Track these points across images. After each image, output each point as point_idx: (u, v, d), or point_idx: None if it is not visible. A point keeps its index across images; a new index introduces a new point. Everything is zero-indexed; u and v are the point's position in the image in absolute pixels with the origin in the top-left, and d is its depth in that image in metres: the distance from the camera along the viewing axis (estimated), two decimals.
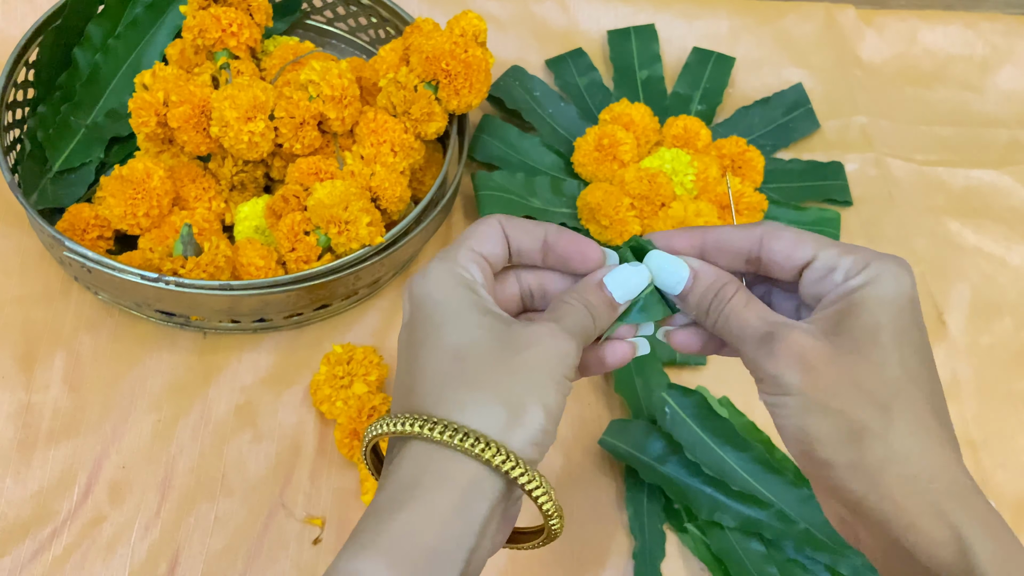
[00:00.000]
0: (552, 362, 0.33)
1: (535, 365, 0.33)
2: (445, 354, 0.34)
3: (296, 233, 0.59)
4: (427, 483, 0.31)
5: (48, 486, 0.56)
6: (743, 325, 0.35)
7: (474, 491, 0.31)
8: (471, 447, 0.31)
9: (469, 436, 0.31)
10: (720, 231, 0.37)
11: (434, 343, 0.34)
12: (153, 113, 0.61)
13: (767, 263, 0.36)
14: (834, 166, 0.76)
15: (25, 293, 0.63)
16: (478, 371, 0.33)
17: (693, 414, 0.59)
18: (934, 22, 0.85)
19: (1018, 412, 0.65)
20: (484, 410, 0.32)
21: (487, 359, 0.33)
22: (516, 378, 0.33)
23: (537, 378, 0.33)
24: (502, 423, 0.32)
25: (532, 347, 0.33)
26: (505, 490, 0.32)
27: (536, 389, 0.33)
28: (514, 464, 0.31)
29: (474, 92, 0.63)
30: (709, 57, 0.81)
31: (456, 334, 0.34)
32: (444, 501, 0.31)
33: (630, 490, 0.58)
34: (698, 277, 0.36)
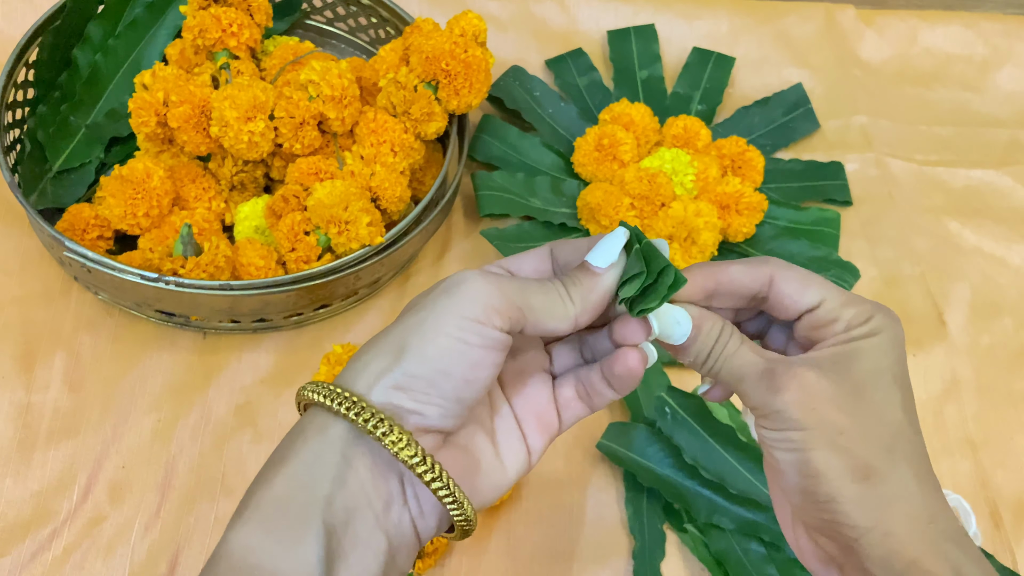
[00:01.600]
0: (453, 301, 0.32)
1: (435, 305, 0.33)
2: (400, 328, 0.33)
3: (296, 233, 0.59)
4: (286, 441, 0.32)
5: (48, 486, 0.56)
6: (743, 364, 0.35)
7: (319, 438, 0.32)
8: (323, 398, 0.31)
9: (333, 391, 0.32)
10: (731, 272, 0.37)
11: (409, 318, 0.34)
12: (153, 113, 0.61)
13: (773, 303, 0.37)
14: (834, 166, 0.76)
15: (25, 293, 0.63)
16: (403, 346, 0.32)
17: (693, 416, 0.59)
18: (934, 22, 0.85)
19: (1018, 412, 0.65)
20: (370, 362, 0.32)
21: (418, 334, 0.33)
22: (411, 323, 0.33)
23: (430, 320, 0.32)
24: (378, 371, 0.32)
25: (438, 287, 0.33)
26: (353, 435, 0.32)
27: (421, 331, 0.32)
28: (350, 406, 0.31)
29: (474, 92, 0.63)
30: (709, 57, 0.81)
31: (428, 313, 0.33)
32: (290, 452, 0.31)
33: (630, 490, 0.58)
34: (699, 330, 0.36)
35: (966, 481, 0.61)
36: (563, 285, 0.35)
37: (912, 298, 0.70)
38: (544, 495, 0.58)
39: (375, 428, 0.31)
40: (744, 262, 0.37)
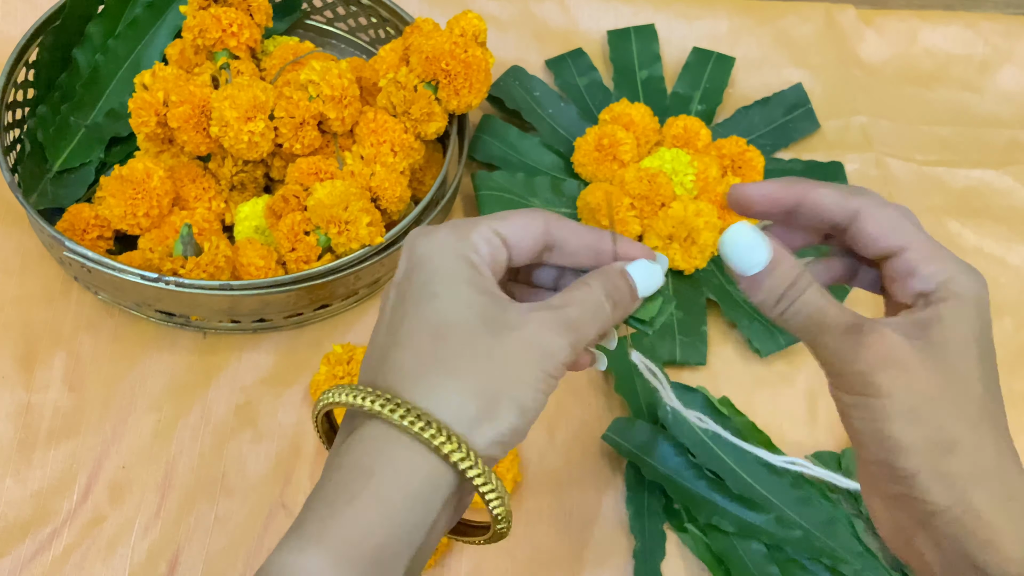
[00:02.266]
0: (536, 355, 0.32)
1: (518, 356, 0.31)
2: (427, 328, 0.32)
3: (296, 233, 0.59)
4: (381, 473, 0.30)
5: (48, 486, 0.56)
6: (825, 314, 0.33)
7: (429, 486, 0.30)
8: (431, 438, 0.29)
9: (432, 426, 0.29)
10: (819, 194, 0.35)
11: (418, 313, 0.32)
12: (153, 113, 0.61)
13: (853, 238, 0.35)
14: (834, 166, 0.76)
15: (25, 293, 0.63)
16: (457, 354, 0.31)
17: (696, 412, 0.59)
18: (934, 22, 0.85)
19: (1018, 412, 0.65)
20: (454, 399, 0.30)
21: (469, 342, 0.31)
22: (494, 368, 0.31)
23: (517, 371, 0.31)
24: (470, 416, 0.30)
25: (517, 334, 0.31)
26: (459, 486, 0.31)
27: (514, 384, 0.31)
28: (472, 464, 0.30)
29: (474, 92, 0.63)
30: (709, 57, 0.81)
31: (443, 310, 0.32)
32: (397, 495, 0.29)
33: (631, 490, 0.58)
34: (777, 264, 0.34)
35: None
36: (610, 301, 0.34)
37: None
38: (544, 495, 0.58)
39: (482, 484, 0.30)
40: (836, 188, 0.35)
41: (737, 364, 0.65)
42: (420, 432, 0.29)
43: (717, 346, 0.66)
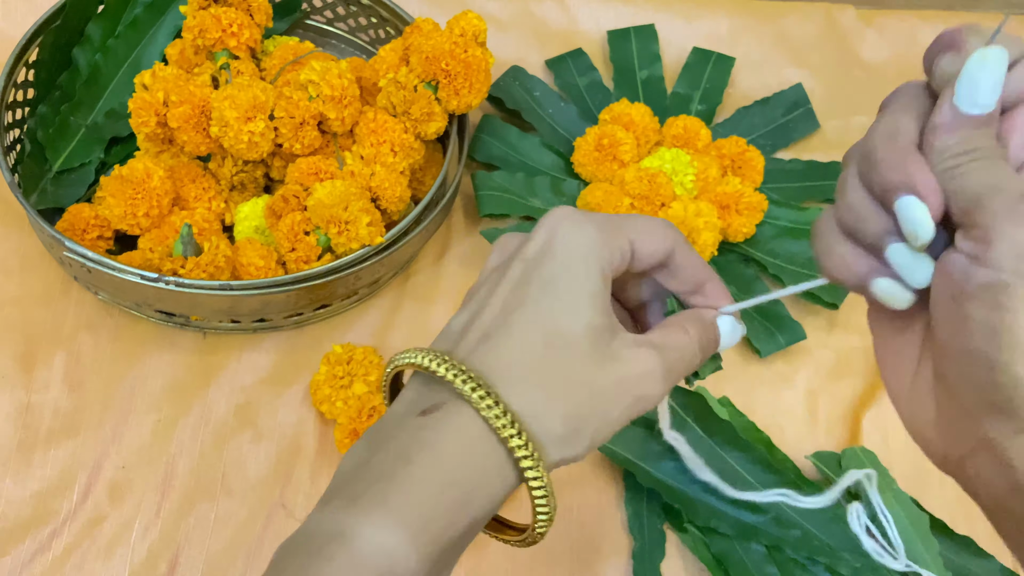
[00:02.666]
0: (631, 398, 0.31)
1: (615, 393, 0.31)
2: (541, 330, 0.31)
3: (296, 233, 0.59)
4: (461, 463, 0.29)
5: (48, 486, 0.56)
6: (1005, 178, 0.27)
7: (499, 487, 0.30)
8: (516, 448, 0.29)
9: (521, 436, 0.29)
10: None
11: (538, 308, 0.31)
12: (153, 113, 0.61)
13: None
14: (834, 166, 0.76)
15: (25, 293, 0.63)
16: (562, 373, 0.30)
17: (693, 415, 0.59)
18: (934, 22, 0.85)
19: None
20: (546, 417, 0.30)
21: (575, 364, 0.31)
22: (591, 399, 0.31)
23: (609, 407, 0.31)
24: (554, 435, 0.30)
25: (621, 371, 0.31)
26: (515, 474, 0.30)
27: (601, 418, 0.31)
28: (541, 479, 0.30)
29: (474, 92, 0.63)
30: (709, 57, 0.81)
31: (562, 318, 0.31)
32: (469, 484, 0.29)
33: (629, 490, 0.58)
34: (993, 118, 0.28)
35: None
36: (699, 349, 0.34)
37: None
38: None
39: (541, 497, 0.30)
40: None
41: (737, 364, 0.65)
42: (508, 438, 0.29)
43: None
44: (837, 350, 0.66)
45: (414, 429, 0.30)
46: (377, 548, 0.27)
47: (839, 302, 0.66)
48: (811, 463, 0.60)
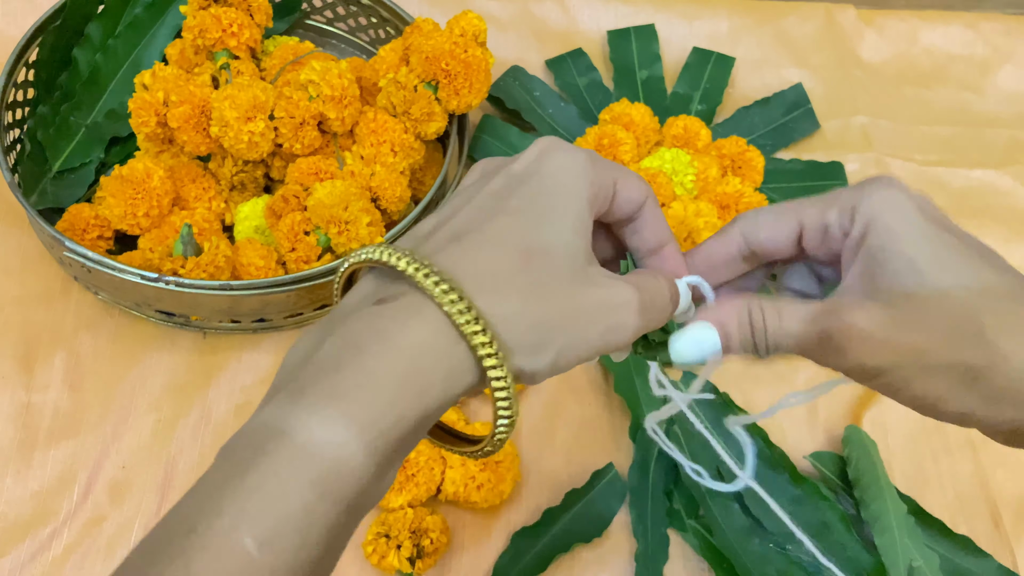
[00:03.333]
0: (606, 322, 0.30)
1: (590, 314, 0.29)
2: (520, 240, 0.29)
3: (296, 233, 0.59)
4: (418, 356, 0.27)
5: (48, 486, 0.56)
6: (794, 335, 0.32)
7: (455, 381, 0.27)
8: (479, 340, 0.27)
9: (486, 334, 0.27)
10: (700, 251, 0.35)
11: (518, 219, 0.29)
12: (153, 113, 0.61)
13: (763, 255, 0.35)
14: (834, 166, 0.76)
15: (25, 293, 0.63)
16: (536, 281, 0.29)
17: (700, 405, 0.60)
18: (934, 22, 0.85)
19: None
20: (515, 320, 0.28)
21: (552, 277, 0.29)
22: (564, 312, 0.29)
23: (583, 326, 0.29)
24: (518, 340, 0.28)
25: (599, 294, 0.30)
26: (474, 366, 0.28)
27: (573, 334, 0.29)
28: (502, 376, 0.27)
29: (474, 92, 0.63)
30: (709, 57, 0.81)
31: (543, 233, 0.29)
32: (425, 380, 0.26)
33: (633, 494, 0.58)
34: (727, 329, 0.33)
35: (966, 481, 0.61)
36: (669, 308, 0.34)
37: None
38: (544, 495, 0.58)
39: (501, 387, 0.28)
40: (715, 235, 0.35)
41: (737, 364, 0.65)
42: (472, 335, 0.27)
43: None
44: None
45: (369, 318, 0.27)
46: (322, 442, 0.25)
47: None
48: (810, 463, 0.60)
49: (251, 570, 0.24)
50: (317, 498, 0.24)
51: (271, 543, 0.24)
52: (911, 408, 0.32)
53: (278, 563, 0.24)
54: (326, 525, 0.24)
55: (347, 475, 0.25)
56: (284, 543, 0.24)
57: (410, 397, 0.26)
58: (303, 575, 0.24)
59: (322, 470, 0.25)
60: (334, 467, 0.25)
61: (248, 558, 0.23)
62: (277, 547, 0.24)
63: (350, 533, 0.26)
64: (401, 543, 0.53)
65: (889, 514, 0.55)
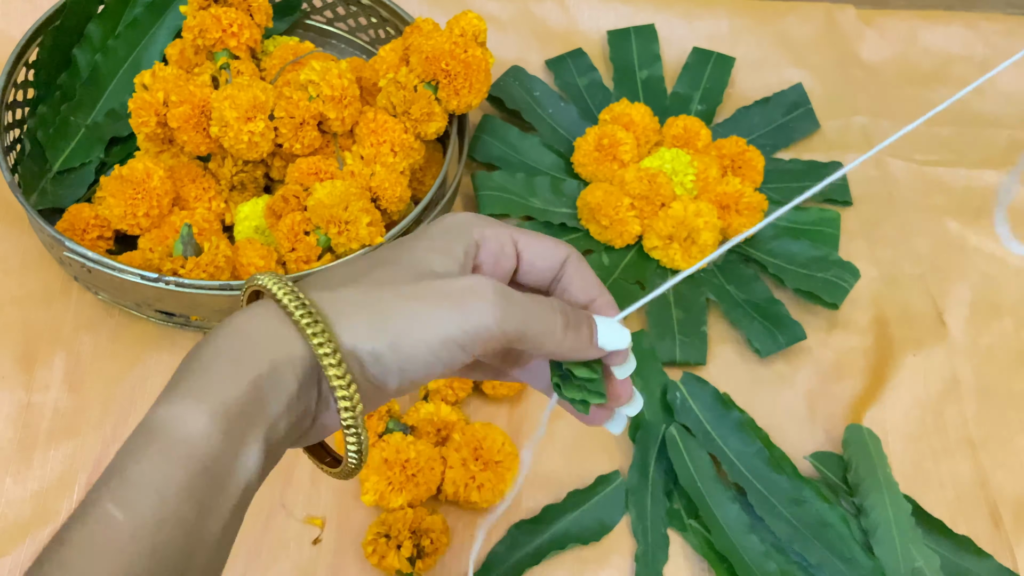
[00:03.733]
0: (449, 306, 0.31)
1: (426, 298, 0.31)
2: (370, 259, 0.34)
3: (296, 233, 0.59)
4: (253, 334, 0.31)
5: (48, 486, 0.56)
6: None
7: (287, 360, 0.30)
8: (304, 322, 0.30)
9: (312, 315, 0.30)
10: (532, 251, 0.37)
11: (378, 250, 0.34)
12: (153, 113, 0.61)
13: None
14: (834, 166, 0.76)
15: (25, 293, 0.63)
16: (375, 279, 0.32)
17: (703, 404, 0.60)
18: (934, 22, 0.85)
19: (1018, 412, 0.65)
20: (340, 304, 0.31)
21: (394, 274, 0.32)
22: (395, 296, 0.31)
23: (416, 309, 0.31)
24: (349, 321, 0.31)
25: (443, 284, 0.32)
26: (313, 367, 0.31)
27: (405, 318, 0.31)
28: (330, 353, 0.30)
29: (474, 92, 0.63)
30: (709, 57, 0.81)
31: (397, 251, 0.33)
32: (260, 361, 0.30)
33: (633, 493, 0.58)
34: None
35: (966, 481, 0.61)
36: (564, 320, 0.34)
37: (912, 298, 0.70)
38: (544, 495, 0.58)
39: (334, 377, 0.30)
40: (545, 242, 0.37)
41: (737, 364, 0.65)
42: (298, 317, 0.30)
43: (717, 346, 0.66)
44: (837, 350, 0.66)
45: (228, 318, 0.32)
46: (167, 417, 0.29)
47: (839, 302, 0.66)
48: (810, 463, 0.60)
49: (117, 531, 0.27)
50: (165, 461, 0.28)
51: (130, 504, 0.27)
52: None
53: (140, 520, 0.27)
54: (180, 484, 0.28)
55: (191, 438, 0.28)
56: (142, 503, 0.28)
57: (244, 368, 0.30)
58: (176, 534, 0.28)
59: (168, 439, 0.29)
60: (177, 435, 0.29)
61: (113, 521, 0.27)
62: (136, 507, 0.27)
63: (229, 499, 0.29)
64: (401, 543, 0.53)
65: (890, 522, 0.55)
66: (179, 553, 0.28)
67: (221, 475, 0.29)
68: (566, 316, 0.34)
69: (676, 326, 0.65)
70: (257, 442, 0.30)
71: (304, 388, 0.31)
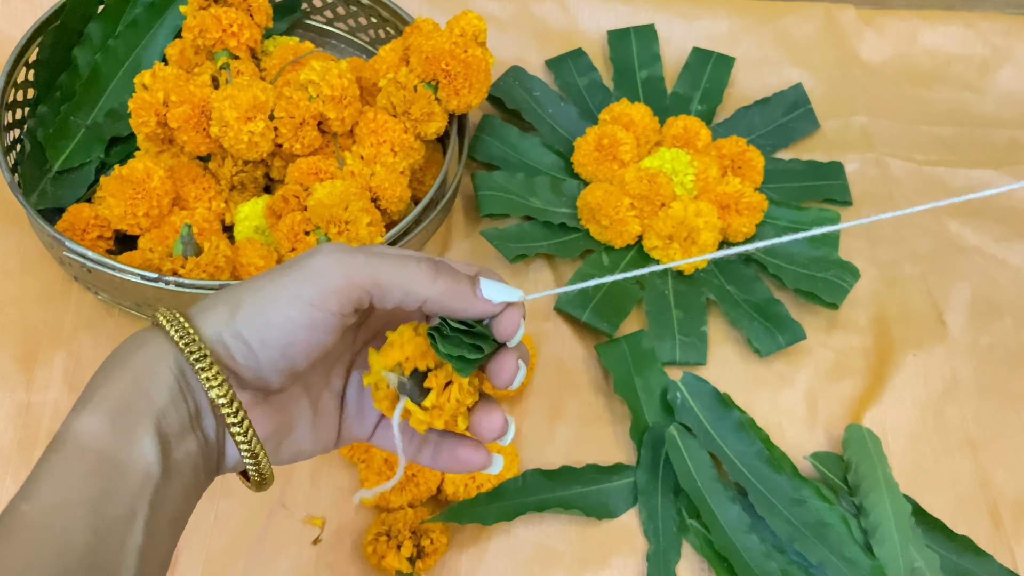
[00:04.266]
0: (300, 279, 0.33)
1: (283, 280, 0.33)
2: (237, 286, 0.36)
3: (296, 233, 0.59)
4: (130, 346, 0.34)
5: None
6: None
7: (159, 355, 0.33)
8: (164, 321, 0.33)
9: (170, 315, 0.34)
10: None
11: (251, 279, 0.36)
12: (153, 113, 0.61)
13: None
14: (834, 166, 0.76)
15: (25, 293, 0.63)
16: (231, 289, 0.35)
17: (703, 404, 0.59)
18: (934, 22, 0.85)
19: (1018, 412, 0.65)
20: (210, 306, 0.34)
21: (247, 283, 0.35)
22: (254, 288, 0.34)
23: (274, 291, 0.33)
24: (214, 315, 0.34)
25: (294, 267, 0.34)
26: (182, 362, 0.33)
27: (263, 297, 0.33)
28: (185, 338, 0.33)
29: (474, 92, 0.63)
30: (709, 57, 0.81)
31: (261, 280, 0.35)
32: (135, 361, 0.33)
33: (644, 493, 0.58)
34: None
35: (966, 481, 0.61)
36: (431, 266, 0.34)
37: (912, 298, 0.70)
38: None
39: (195, 362, 0.33)
40: None
41: (737, 364, 0.66)
42: (165, 324, 0.33)
43: (717, 346, 0.66)
44: (837, 350, 0.66)
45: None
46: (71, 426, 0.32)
47: (839, 302, 0.66)
48: (810, 463, 0.60)
49: (24, 520, 0.30)
50: (63, 458, 0.31)
51: (34, 495, 0.30)
52: None
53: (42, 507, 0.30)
54: (78, 473, 0.31)
55: (83, 435, 0.31)
56: (44, 492, 0.30)
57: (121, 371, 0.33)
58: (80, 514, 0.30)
59: (65, 441, 0.31)
60: (72, 435, 0.31)
61: (21, 513, 0.30)
62: (39, 497, 0.30)
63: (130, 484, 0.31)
64: (401, 543, 0.53)
65: (890, 522, 0.55)
66: (89, 533, 0.30)
67: (116, 462, 0.31)
68: (433, 264, 0.34)
69: (676, 326, 0.65)
70: (148, 432, 0.32)
71: (183, 382, 0.33)
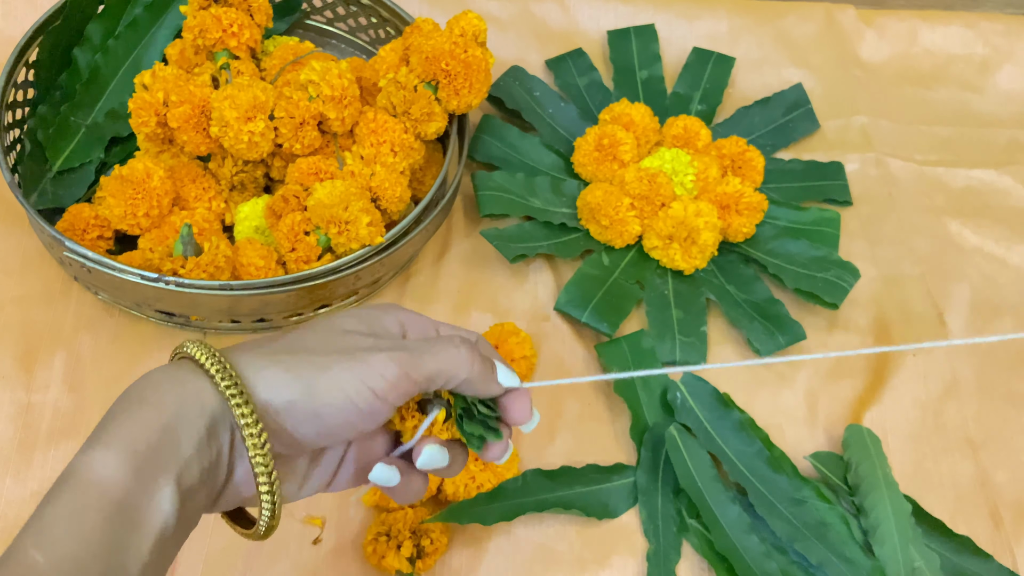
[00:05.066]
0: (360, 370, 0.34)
1: (342, 364, 0.34)
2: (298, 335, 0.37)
3: (296, 233, 0.59)
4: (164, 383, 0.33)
5: (48, 486, 0.56)
6: None
7: (196, 403, 0.32)
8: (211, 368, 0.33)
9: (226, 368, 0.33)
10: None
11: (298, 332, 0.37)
12: (153, 113, 0.61)
13: None
14: (834, 166, 0.76)
15: (25, 293, 0.63)
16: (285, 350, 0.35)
17: (703, 404, 0.59)
18: (934, 22, 0.85)
19: (1018, 412, 0.65)
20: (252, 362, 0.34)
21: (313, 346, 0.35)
22: (306, 352, 0.35)
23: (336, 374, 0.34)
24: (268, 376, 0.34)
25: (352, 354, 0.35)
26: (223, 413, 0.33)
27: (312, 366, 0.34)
28: (238, 397, 0.32)
29: (474, 92, 0.63)
30: (709, 57, 0.81)
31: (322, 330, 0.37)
32: (169, 403, 0.32)
33: (644, 493, 0.58)
34: None
35: (966, 481, 0.61)
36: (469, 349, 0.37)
37: (912, 298, 0.70)
38: None
39: (245, 427, 0.33)
40: None
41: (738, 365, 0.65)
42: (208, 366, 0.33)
43: (717, 346, 0.66)
44: (837, 350, 0.66)
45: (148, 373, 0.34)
46: (81, 463, 0.31)
47: (839, 302, 0.66)
48: (810, 463, 0.60)
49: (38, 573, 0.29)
50: (80, 503, 0.30)
51: (49, 546, 0.29)
52: None
53: (58, 561, 0.29)
54: (95, 524, 0.30)
55: (103, 480, 0.31)
56: (59, 544, 0.29)
57: (151, 412, 0.32)
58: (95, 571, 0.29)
59: (82, 483, 0.31)
60: (90, 478, 0.31)
61: (34, 564, 0.29)
62: (55, 549, 0.29)
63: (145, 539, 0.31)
64: (401, 543, 0.53)
65: (890, 522, 0.55)
66: None
67: (135, 514, 0.31)
68: (468, 344, 0.37)
69: (676, 326, 0.65)
70: (169, 483, 0.31)
71: (212, 433, 0.33)
